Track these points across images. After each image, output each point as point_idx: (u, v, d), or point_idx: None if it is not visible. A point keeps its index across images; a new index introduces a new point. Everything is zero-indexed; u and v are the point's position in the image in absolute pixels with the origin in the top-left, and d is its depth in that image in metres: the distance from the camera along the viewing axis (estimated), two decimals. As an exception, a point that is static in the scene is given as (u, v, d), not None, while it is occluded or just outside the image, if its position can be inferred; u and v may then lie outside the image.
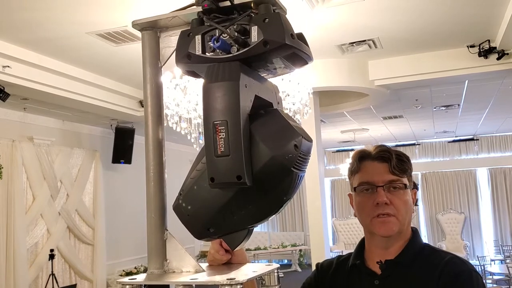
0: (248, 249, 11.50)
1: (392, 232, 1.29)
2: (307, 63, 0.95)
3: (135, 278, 0.94)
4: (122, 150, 7.99)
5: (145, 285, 0.94)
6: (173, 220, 1.01)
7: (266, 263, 1.07)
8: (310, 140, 0.92)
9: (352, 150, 12.20)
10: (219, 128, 0.82)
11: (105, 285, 7.88)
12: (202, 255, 11.59)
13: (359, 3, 4.14)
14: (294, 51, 0.88)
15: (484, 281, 7.81)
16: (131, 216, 8.20)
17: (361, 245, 1.40)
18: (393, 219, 1.28)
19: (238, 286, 0.83)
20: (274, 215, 0.95)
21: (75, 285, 7.32)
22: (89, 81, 5.78)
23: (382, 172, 1.31)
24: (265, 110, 0.93)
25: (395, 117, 8.96)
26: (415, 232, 1.36)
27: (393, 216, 1.28)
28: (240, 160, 0.82)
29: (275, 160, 0.85)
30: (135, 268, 8.41)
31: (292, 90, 4.66)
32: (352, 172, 1.37)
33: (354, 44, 5.28)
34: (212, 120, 0.83)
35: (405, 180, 1.32)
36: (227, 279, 0.85)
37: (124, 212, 8.45)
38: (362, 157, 1.35)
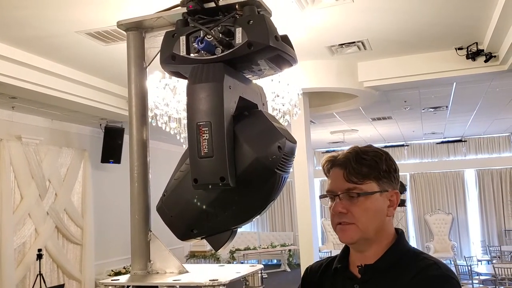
0: (237, 249, 11.49)
1: (351, 240, 1.27)
2: (291, 65, 0.95)
3: (118, 279, 0.94)
4: (111, 149, 7.93)
5: (129, 286, 0.93)
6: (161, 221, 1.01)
7: (250, 264, 1.07)
8: (294, 142, 0.93)
9: (342, 151, 12.19)
10: (203, 129, 0.82)
11: (94, 285, 7.83)
12: (192, 255, 11.56)
13: (349, 4, 4.16)
14: (278, 53, 0.88)
15: (471, 281, 7.88)
16: (120, 216, 8.14)
17: (347, 248, 1.37)
18: (353, 227, 1.24)
19: (221, 287, 0.84)
20: (257, 216, 0.95)
21: (63, 285, 7.26)
22: (78, 80, 5.74)
23: (340, 179, 1.26)
24: (250, 111, 0.93)
25: (384, 118, 9.01)
26: (400, 235, 1.31)
27: (352, 224, 1.24)
28: (224, 161, 0.82)
29: (258, 161, 0.85)
30: (124, 268, 8.36)
31: (282, 91, 4.66)
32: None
33: (343, 46, 5.30)
34: (196, 121, 0.83)
35: (366, 187, 1.24)
36: (209, 280, 0.85)
37: (113, 212, 8.40)
38: (329, 164, 1.32)
